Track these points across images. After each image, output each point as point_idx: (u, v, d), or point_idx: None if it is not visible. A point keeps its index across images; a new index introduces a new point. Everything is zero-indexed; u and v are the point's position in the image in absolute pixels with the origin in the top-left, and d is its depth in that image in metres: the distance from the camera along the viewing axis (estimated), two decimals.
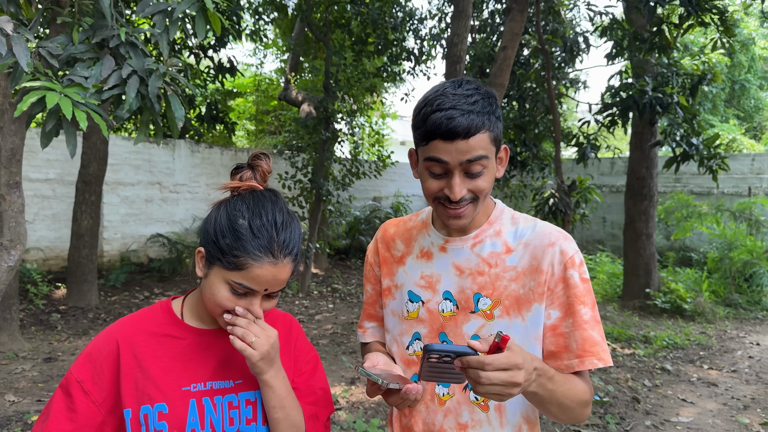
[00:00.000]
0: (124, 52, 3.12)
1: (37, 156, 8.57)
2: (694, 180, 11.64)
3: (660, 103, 6.68)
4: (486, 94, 1.18)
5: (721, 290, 9.13)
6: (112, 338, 1.21)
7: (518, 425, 1.29)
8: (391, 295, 1.40)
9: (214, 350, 1.23)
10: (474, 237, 1.30)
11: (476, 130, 1.14)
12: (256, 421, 1.23)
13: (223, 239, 1.13)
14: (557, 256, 1.24)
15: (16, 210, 3.16)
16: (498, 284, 1.26)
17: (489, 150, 1.17)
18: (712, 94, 17.86)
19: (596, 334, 1.22)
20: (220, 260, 1.13)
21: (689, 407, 4.69)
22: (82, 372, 1.19)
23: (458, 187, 1.18)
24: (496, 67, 4.78)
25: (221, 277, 1.14)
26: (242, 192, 1.21)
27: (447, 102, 1.15)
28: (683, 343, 6.62)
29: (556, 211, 7.11)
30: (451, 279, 1.30)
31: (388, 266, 1.42)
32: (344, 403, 4.42)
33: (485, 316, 1.27)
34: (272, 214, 1.16)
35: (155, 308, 1.28)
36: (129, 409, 1.17)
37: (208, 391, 1.20)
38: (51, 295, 7.58)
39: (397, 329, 1.38)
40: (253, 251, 1.12)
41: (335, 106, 8.93)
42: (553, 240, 1.26)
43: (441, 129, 1.13)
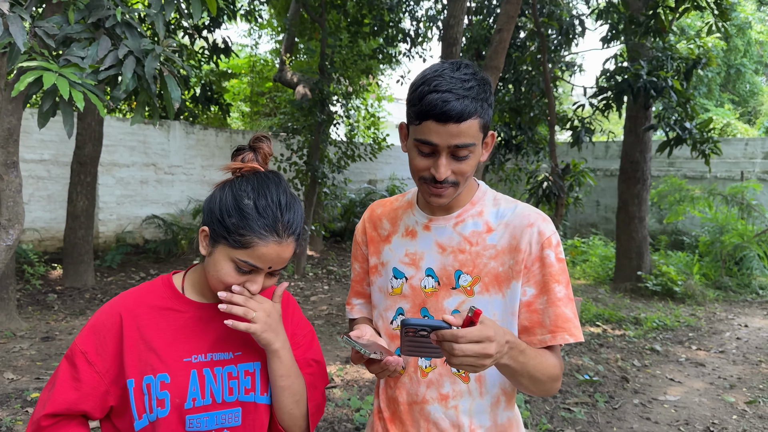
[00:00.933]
0: (120, 32, 3.13)
1: (31, 137, 8.54)
2: (687, 164, 11.71)
3: (654, 87, 6.72)
4: (482, 81, 1.22)
5: (711, 273, 9.24)
6: (115, 311, 1.26)
7: (497, 396, 1.36)
8: (377, 273, 1.46)
9: (214, 323, 1.28)
10: (456, 216, 1.36)
11: (468, 116, 1.18)
12: (254, 390, 1.28)
13: (229, 218, 1.17)
14: (535, 236, 1.29)
15: (13, 189, 3.18)
16: (478, 262, 1.32)
17: (477, 137, 1.22)
18: (708, 79, 17.87)
19: (569, 311, 1.29)
20: (225, 239, 1.17)
21: (677, 386, 4.79)
22: (86, 343, 1.24)
23: (443, 168, 1.23)
24: (492, 49, 4.79)
25: (226, 255, 1.18)
26: (245, 173, 1.25)
27: (444, 84, 1.18)
28: (673, 324, 6.73)
29: (549, 194, 7.16)
30: (433, 256, 1.35)
31: (375, 245, 1.47)
32: (339, 381, 4.50)
33: (465, 292, 1.32)
34: (276, 195, 1.20)
35: (156, 282, 1.32)
36: (132, 379, 1.21)
37: (208, 362, 1.25)
38: (47, 276, 7.62)
39: (383, 305, 1.44)
40: (259, 230, 1.16)
41: (331, 88, 8.91)
42: (532, 221, 1.31)
43: (435, 110, 1.17)
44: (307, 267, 9.24)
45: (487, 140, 1.30)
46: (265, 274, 1.22)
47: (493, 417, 1.35)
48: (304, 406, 1.31)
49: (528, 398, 4.29)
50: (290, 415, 1.29)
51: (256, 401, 1.28)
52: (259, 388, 1.29)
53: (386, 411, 1.44)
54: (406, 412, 1.39)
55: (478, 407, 1.34)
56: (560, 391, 4.52)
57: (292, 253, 1.22)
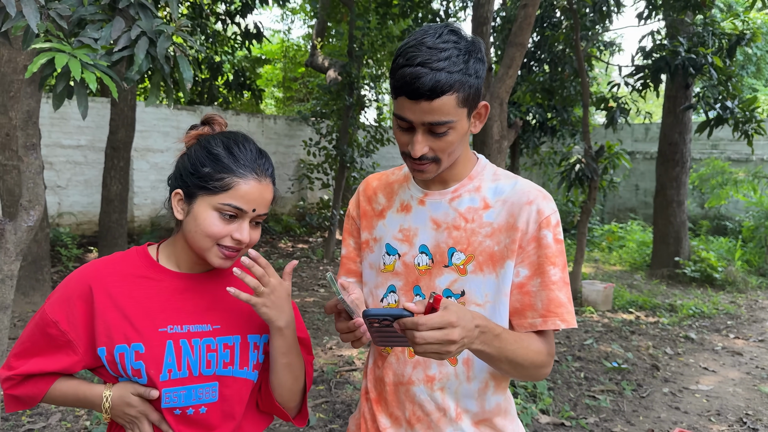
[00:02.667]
0: (134, 13, 3.12)
1: (68, 123, 8.76)
2: (731, 146, 11.22)
3: (693, 65, 6.41)
4: (465, 49, 1.13)
5: (755, 260, 8.86)
6: (84, 280, 1.22)
7: (485, 381, 1.29)
8: (369, 248, 1.40)
9: (191, 293, 1.25)
10: (453, 191, 1.29)
11: (441, 92, 1.10)
12: (233, 365, 1.25)
13: (203, 168, 1.16)
14: (533, 214, 1.22)
15: (33, 171, 3.23)
16: (473, 239, 1.25)
17: (455, 113, 1.14)
18: (757, 57, 17.05)
19: (563, 296, 1.22)
20: (204, 188, 1.15)
21: (710, 375, 4.61)
22: (56, 312, 1.21)
23: (419, 146, 1.17)
24: (516, 26, 4.63)
25: (207, 205, 1.15)
26: (204, 132, 1.26)
27: (418, 56, 1.10)
28: (710, 312, 6.48)
29: (582, 177, 6.95)
30: (427, 233, 1.29)
31: (368, 219, 1.41)
32: (359, 363, 4.48)
33: (458, 271, 1.26)
34: (248, 143, 1.21)
35: (130, 252, 1.29)
36: (103, 348, 1.18)
37: (185, 333, 1.21)
38: (83, 258, 7.83)
39: (373, 282, 1.38)
40: (237, 169, 1.15)
41: (362, 72, 8.84)
42: (532, 198, 1.24)
43: (406, 87, 1.11)
44: (336, 252, 9.26)
45: (480, 111, 1.22)
46: (249, 223, 1.19)
47: (481, 402, 1.30)
48: (302, 381, 1.30)
49: (551, 385, 4.19)
50: (290, 392, 1.28)
51: (234, 375, 1.25)
52: (238, 362, 1.25)
53: (373, 392, 1.40)
54: (391, 392, 1.34)
55: (465, 391, 1.29)
56: (586, 378, 4.40)
57: (272, 197, 1.21)
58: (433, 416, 1.29)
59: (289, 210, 11.98)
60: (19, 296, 5.57)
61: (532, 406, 3.72)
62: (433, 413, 1.29)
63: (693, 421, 3.75)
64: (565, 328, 1.22)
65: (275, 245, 9.69)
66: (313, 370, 1.42)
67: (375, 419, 1.38)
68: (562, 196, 12.29)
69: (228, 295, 1.26)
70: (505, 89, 4.70)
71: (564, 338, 5.37)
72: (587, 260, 9.47)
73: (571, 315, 1.22)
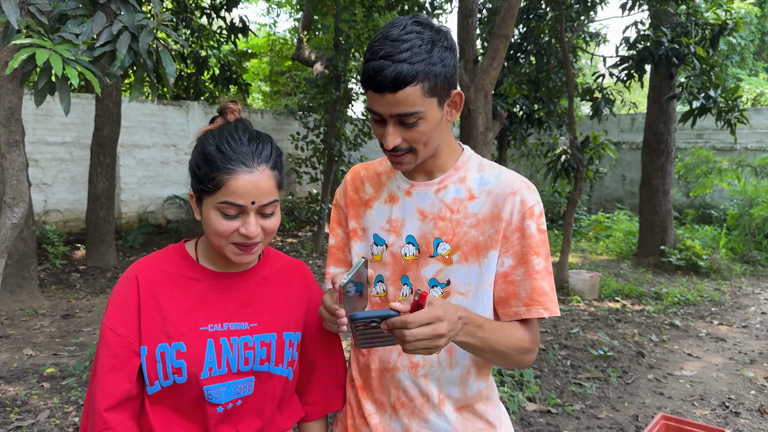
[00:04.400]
0: (116, 8, 3.11)
1: (53, 119, 8.68)
2: (716, 135, 11.33)
3: (676, 55, 6.47)
4: (429, 39, 1.13)
5: (739, 247, 8.98)
6: (132, 279, 1.23)
7: (467, 368, 1.32)
8: (357, 237, 1.41)
9: (230, 292, 1.26)
10: (439, 182, 1.31)
11: (404, 83, 1.11)
12: (269, 361, 1.26)
13: (199, 170, 1.17)
14: (517, 205, 1.24)
15: (17, 168, 3.22)
16: (458, 230, 1.27)
17: (423, 103, 1.14)
18: (741, 47, 17.20)
19: (546, 285, 1.24)
20: (204, 190, 1.16)
21: (694, 361, 4.68)
22: (113, 319, 1.21)
23: (390, 137, 1.18)
24: (500, 18, 4.65)
25: (210, 206, 1.16)
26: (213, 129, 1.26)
27: (381, 50, 1.11)
28: (695, 299, 6.57)
29: (568, 167, 7.00)
30: (414, 223, 1.31)
31: (355, 208, 1.42)
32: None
33: (443, 261, 1.28)
34: (238, 133, 1.18)
35: (170, 251, 1.29)
36: (145, 347, 1.19)
37: (224, 331, 1.22)
38: (71, 256, 7.79)
39: None
40: (224, 166, 1.14)
41: (347, 65, 8.83)
42: (516, 189, 1.25)
43: (371, 81, 1.13)
44: (326, 245, 9.27)
45: (453, 99, 1.22)
46: (255, 214, 1.17)
47: (463, 388, 1.32)
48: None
49: (538, 373, 4.24)
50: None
51: (270, 371, 1.27)
52: (274, 359, 1.27)
53: (358, 379, 1.42)
54: (377, 379, 1.36)
55: (447, 378, 1.31)
56: (572, 366, 4.45)
57: (273, 184, 1.18)
58: (417, 402, 1.32)
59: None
60: (6, 294, 5.54)
61: (519, 394, 3.77)
62: (417, 399, 1.31)
63: (677, 406, 3.82)
64: (550, 317, 1.23)
65: None
66: None
67: (360, 405, 1.40)
68: (548, 187, 12.37)
69: (263, 293, 1.29)
70: (490, 81, 4.73)
71: (551, 327, 5.43)
72: (574, 250, 9.55)
73: (554, 303, 1.24)
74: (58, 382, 3.89)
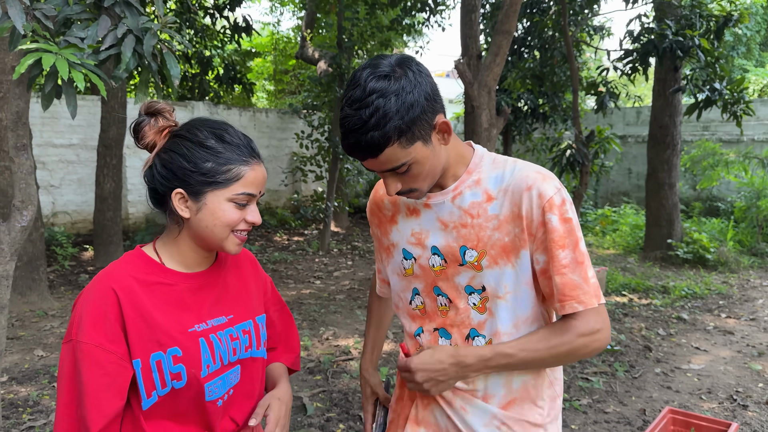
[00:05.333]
0: (120, 11, 3.13)
1: (59, 122, 8.74)
2: (723, 127, 11.27)
3: (681, 47, 6.44)
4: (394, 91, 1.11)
5: (747, 240, 8.95)
6: (108, 290, 1.16)
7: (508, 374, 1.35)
8: (390, 254, 1.44)
9: (203, 291, 1.27)
10: (453, 190, 1.29)
11: (380, 150, 1.13)
12: (251, 347, 1.32)
13: (205, 164, 1.16)
14: (535, 200, 1.21)
15: (25, 171, 3.26)
16: (482, 235, 1.26)
17: (406, 154, 1.16)
18: (747, 38, 17.07)
19: (576, 277, 1.20)
20: (212, 183, 1.16)
21: (702, 355, 4.68)
22: (95, 336, 1.13)
23: (390, 188, 1.23)
24: (503, 13, 4.65)
25: (221, 198, 1.17)
26: (178, 130, 1.21)
27: (346, 122, 1.13)
28: (703, 292, 6.55)
29: (573, 162, 6.99)
30: (437, 234, 1.31)
31: (383, 226, 1.45)
32: (356, 353, 4.53)
33: (474, 268, 1.27)
34: (231, 128, 1.22)
35: (132, 258, 1.24)
36: (138, 360, 1.15)
37: (210, 328, 1.24)
38: (79, 257, 7.85)
39: (399, 286, 1.43)
40: (240, 158, 1.18)
41: (350, 63, 8.83)
42: (530, 183, 1.22)
43: (350, 154, 1.17)
44: (332, 243, 9.30)
45: (440, 128, 1.20)
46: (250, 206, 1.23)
47: (508, 384, 1.31)
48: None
49: None
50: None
51: (253, 356, 1.33)
52: (255, 343, 1.33)
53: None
54: None
55: (492, 375, 1.31)
56: (579, 361, 4.46)
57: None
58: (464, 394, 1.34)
59: (283, 203, 11.99)
60: (15, 296, 5.59)
61: None
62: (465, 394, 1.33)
63: (684, 400, 3.82)
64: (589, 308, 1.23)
65: (271, 238, 9.72)
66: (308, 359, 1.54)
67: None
68: None
69: (229, 286, 1.33)
70: (493, 77, 4.73)
71: None
72: None
73: (588, 295, 1.20)
74: None
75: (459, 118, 14.22)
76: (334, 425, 3.36)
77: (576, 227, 1.23)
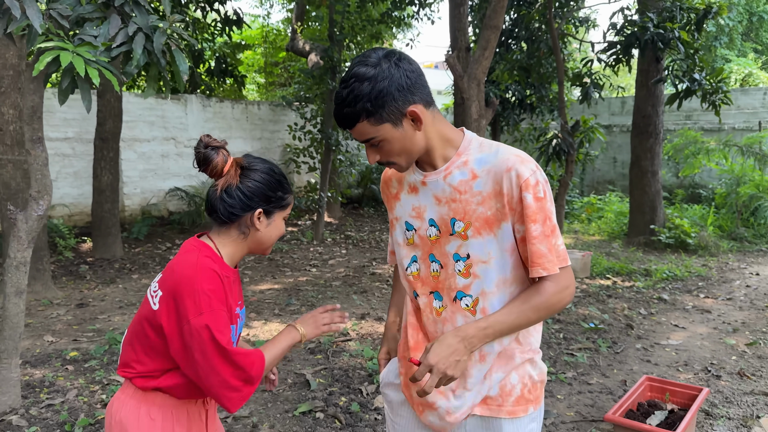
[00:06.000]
0: (129, 10, 3.31)
1: (54, 116, 8.84)
2: (704, 116, 11.57)
3: (662, 39, 6.69)
4: (371, 77, 1.35)
5: (726, 225, 9.27)
6: (214, 273, 1.46)
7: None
8: (394, 227, 1.68)
9: (236, 285, 1.63)
10: (445, 170, 1.51)
11: (353, 122, 1.39)
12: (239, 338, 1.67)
13: (278, 192, 1.57)
14: (514, 179, 1.41)
15: (40, 163, 3.43)
16: (468, 209, 1.47)
17: (374, 131, 1.39)
18: (729, 28, 17.40)
19: (543, 248, 1.41)
20: (280, 206, 1.58)
21: (680, 332, 4.95)
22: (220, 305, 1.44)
23: (369, 157, 1.49)
24: (491, 9, 4.85)
25: (280, 217, 1.60)
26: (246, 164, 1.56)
27: (334, 96, 1.43)
28: (683, 275, 6.84)
29: (559, 151, 7.24)
30: (432, 208, 1.54)
31: (390, 202, 1.69)
32: (354, 335, 4.76)
33: (461, 237, 1.50)
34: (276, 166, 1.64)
35: (209, 253, 1.52)
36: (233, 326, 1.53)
37: (237, 315, 1.58)
38: (78, 248, 8.00)
39: (401, 254, 1.66)
40: (290, 190, 1.63)
41: (341, 55, 9.00)
42: (510, 165, 1.42)
43: (336, 121, 1.44)
44: (326, 233, 9.50)
45: (412, 115, 1.40)
46: None
47: (500, 341, 1.52)
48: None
49: None
50: None
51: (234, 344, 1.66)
52: (242, 330, 1.71)
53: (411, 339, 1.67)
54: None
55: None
56: (564, 338, 4.72)
57: None
58: None
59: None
60: None
61: None
62: None
63: (662, 372, 4.09)
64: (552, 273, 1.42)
65: None
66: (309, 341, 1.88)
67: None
68: None
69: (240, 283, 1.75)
70: (482, 70, 4.94)
71: None
72: (567, 232, 9.81)
73: (551, 263, 1.41)
74: (81, 365, 4.13)
75: (448, 109, 14.44)
76: (336, 398, 3.59)
77: (547, 204, 1.42)
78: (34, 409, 3.45)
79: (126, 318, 5.28)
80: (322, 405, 3.49)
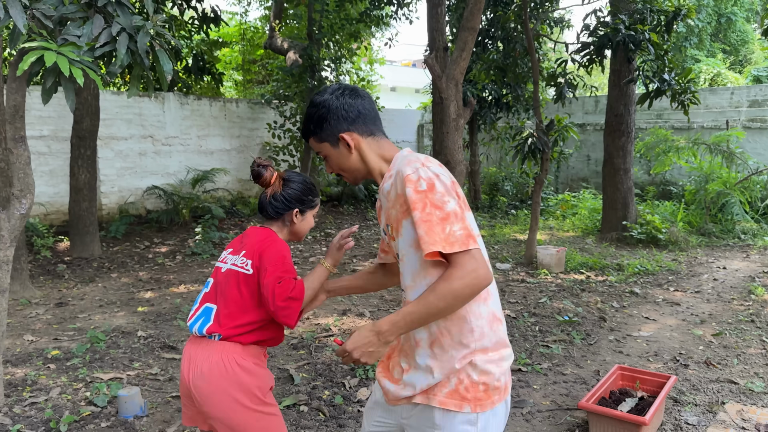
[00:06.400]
0: (112, 10, 3.34)
1: (29, 114, 8.73)
2: (675, 115, 11.88)
3: (633, 41, 6.88)
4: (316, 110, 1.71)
5: (695, 220, 9.55)
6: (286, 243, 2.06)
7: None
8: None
9: None
10: (382, 182, 1.72)
11: (306, 137, 1.78)
12: None
13: (309, 196, 2.10)
14: (400, 179, 1.57)
15: (23, 162, 3.44)
16: (390, 213, 1.67)
17: (318, 147, 1.75)
18: (699, 29, 17.84)
19: (422, 232, 1.49)
20: (311, 207, 2.11)
21: (651, 324, 5.14)
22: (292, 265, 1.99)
23: (327, 168, 1.84)
24: (468, 11, 4.97)
25: (311, 214, 2.13)
26: (284, 176, 2.10)
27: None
28: (654, 269, 7.06)
29: (535, 149, 7.39)
30: (383, 215, 1.76)
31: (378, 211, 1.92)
32: (336, 330, 4.84)
33: (392, 239, 1.71)
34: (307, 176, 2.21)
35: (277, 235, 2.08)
36: None
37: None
38: (55, 248, 7.93)
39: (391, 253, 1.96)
40: (316, 192, 2.16)
41: (320, 54, 9.05)
42: (398, 168, 1.61)
43: None
44: None
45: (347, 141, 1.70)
46: None
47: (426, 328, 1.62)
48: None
49: (510, 338, 4.63)
50: None
51: None
52: None
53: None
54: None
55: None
56: (540, 330, 4.87)
57: None
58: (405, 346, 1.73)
59: (255, 192, 12.16)
60: None
61: None
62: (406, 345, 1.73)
63: (634, 362, 4.25)
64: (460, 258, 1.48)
65: (244, 227, 9.91)
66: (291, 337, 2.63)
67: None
68: (517, 169, 12.82)
69: None
70: (460, 71, 5.05)
71: (521, 298, 5.85)
72: (542, 228, 10.01)
73: (432, 244, 1.45)
74: (63, 363, 4.14)
75: (426, 108, 14.57)
76: (319, 392, 3.68)
77: (430, 196, 1.50)
78: (17, 407, 3.46)
79: (107, 316, 5.29)
80: (306, 399, 3.57)
